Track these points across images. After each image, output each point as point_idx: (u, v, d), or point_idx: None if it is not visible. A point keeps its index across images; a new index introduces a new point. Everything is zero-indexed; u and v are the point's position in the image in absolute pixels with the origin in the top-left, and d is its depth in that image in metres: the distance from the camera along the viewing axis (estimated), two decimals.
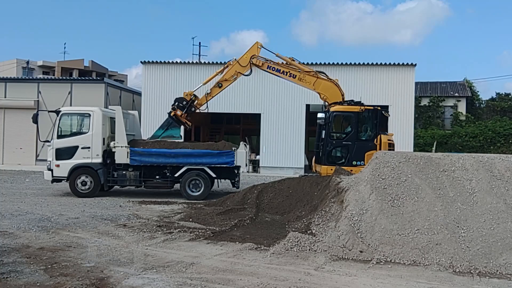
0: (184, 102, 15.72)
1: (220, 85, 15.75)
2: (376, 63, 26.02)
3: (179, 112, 15.71)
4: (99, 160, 15.07)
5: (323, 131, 14.76)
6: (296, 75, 15.34)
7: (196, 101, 15.84)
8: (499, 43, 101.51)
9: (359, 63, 26.08)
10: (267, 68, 15.52)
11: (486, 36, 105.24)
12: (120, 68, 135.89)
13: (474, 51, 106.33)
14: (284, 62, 15.59)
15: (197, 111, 16.13)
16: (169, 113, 15.90)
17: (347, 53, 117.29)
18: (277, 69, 15.48)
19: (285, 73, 15.43)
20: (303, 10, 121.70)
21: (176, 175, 15.13)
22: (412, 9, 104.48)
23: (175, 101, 15.89)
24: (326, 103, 15.46)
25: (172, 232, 9.48)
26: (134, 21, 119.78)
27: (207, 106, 15.98)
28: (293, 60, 15.58)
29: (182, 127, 16.58)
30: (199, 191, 15.15)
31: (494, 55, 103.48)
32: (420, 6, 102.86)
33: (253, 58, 15.40)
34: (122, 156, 15.00)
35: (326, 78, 15.42)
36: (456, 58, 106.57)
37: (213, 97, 15.94)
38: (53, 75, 47.68)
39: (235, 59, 15.69)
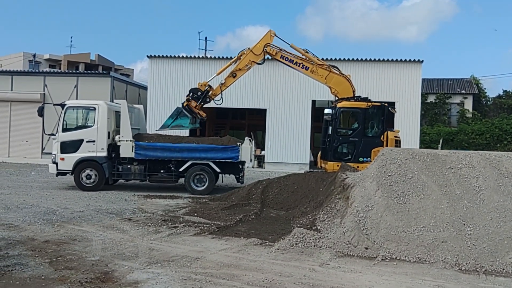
0: (199, 93, 15.66)
1: (234, 74, 15.65)
2: (383, 59, 25.87)
3: (193, 103, 15.65)
4: (104, 153, 15.07)
5: (330, 127, 14.68)
6: (309, 67, 15.21)
7: (210, 92, 15.79)
8: (506, 40, 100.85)
9: (365, 59, 25.93)
10: (280, 57, 15.38)
11: (493, 33, 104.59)
12: (126, 62, 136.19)
13: (481, 48, 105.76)
14: (298, 53, 15.47)
15: (212, 101, 16.09)
16: (182, 104, 15.83)
17: (353, 49, 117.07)
18: (290, 59, 15.34)
19: (298, 64, 15.29)
20: (309, 6, 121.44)
21: (180, 169, 15.12)
22: (418, 5, 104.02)
23: (190, 92, 15.81)
24: (337, 98, 15.35)
25: (177, 226, 9.48)
26: (140, 15, 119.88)
27: (221, 97, 15.90)
28: (307, 52, 15.46)
29: (196, 118, 16.24)
30: (203, 185, 15.14)
31: (502, 52, 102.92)
32: (426, 2, 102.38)
33: (266, 47, 15.28)
34: (127, 150, 15.00)
35: (338, 73, 15.30)
36: (463, 55, 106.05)
37: (227, 87, 15.83)
38: (59, 68, 47.81)
39: (249, 48, 15.59)
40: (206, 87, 15.69)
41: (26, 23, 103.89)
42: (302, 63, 15.25)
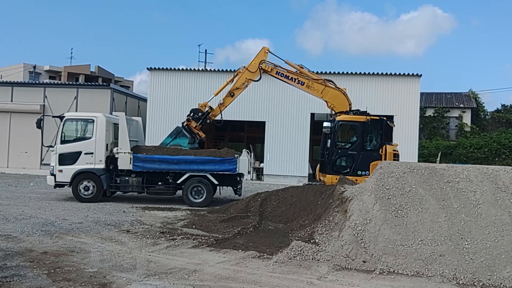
0: (200, 114, 15.84)
1: (232, 94, 15.85)
2: (382, 73, 25.95)
3: (193, 124, 15.82)
4: (102, 165, 15.08)
5: (329, 140, 14.73)
6: (304, 82, 15.36)
7: (211, 112, 15.97)
8: (505, 54, 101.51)
9: (364, 73, 26.03)
10: (276, 73, 15.53)
11: (492, 47, 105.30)
12: (126, 74, 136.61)
13: (480, 62, 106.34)
14: (293, 69, 15.60)
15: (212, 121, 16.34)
16: (183, 123, 16.01)
17: (351, 62, 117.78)
18: (286, 75, 15.49)
19: (293, 80, 15.44)
20: (307, 20, 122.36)
21: (178, 181, 15.12)
22: (416, 19, 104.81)
23: (191, 112, 16.02)
24: (333, 112, 15.45)
25: (175, 238, 9.48)
26: (140, 27, 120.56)
27: (221, 117, 16.11)
28: (302, 67, 15.59)
29: (195, 138, 16.38)
30: (201, 197, 15.14)
31: (500, 67, 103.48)
32: (424, 16, 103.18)
33: (262, 63, 15.44)
34: (125, 162, 15.02)
35: (334, 87, 15.43)
36: (462, 69, 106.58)
37: (226, 107, 16.06)
38: (60, 80, 47.95)
39: (244, 67, 15.73)
40: (207, 108, 15.88)
41: (27, 35, 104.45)
42: (297, 78, 15.41)
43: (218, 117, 16.16)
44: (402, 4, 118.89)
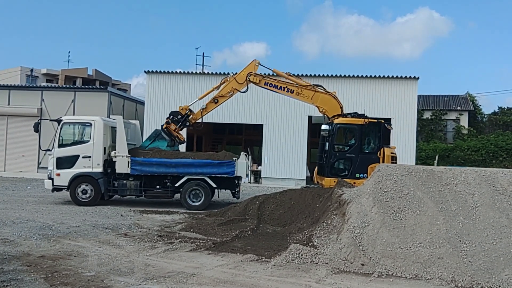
0: (179, 116, 15.86)
1: (216, 100, 15.89)
2: (379, 76, 25.97)
3: (172, 127, 15.86)
4: (100, 169, 15.06)
5: (327, 143, 14.75)
6: (294, 90, 15.44)
7: (191, 116, 15.96)
8: (501, 57, 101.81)
9: (361, 76, 26.02)
10: (265, 84, 15.62)
11: (489, 50, 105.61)
12: (124, 77, 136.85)
13: (476, 64, 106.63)
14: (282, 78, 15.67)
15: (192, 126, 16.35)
16: (162, 126, 16.03)
17: (349, 65, 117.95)
18: (275, 85, 15.58)
19: (282, 89, 15.52)
20: (304, 23, 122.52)
21: (176, 185, 15.11)
22: (412, 21, 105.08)
23: (170, 115, 16.04)
24: (326, 116, 15.49)
25: (173, 242, 9.45)
26: (138, 30, 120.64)
27: (202, 121, 16.11)
28: (290, 75, 15.67)
29: (175, 141, 16.39)
30: (199, 201, 15.13)
31: (497, 69, 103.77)
32: (420, 18, 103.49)
33: (250, 76, 15.49)
34: (122, 165, 15.00)
35: (323, 91, 15.45)
36: (459, 72, 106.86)
37: (208, 112, 16.10)
38: (57, 83, 47.86)
39: (232, 76, 15.78)
40: (187, 111, 15.93)
41: (24, 38, 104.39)
42: (286, 87, 15.49)
43: (198, 121, 16.18)
44: (398, 7, 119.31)
